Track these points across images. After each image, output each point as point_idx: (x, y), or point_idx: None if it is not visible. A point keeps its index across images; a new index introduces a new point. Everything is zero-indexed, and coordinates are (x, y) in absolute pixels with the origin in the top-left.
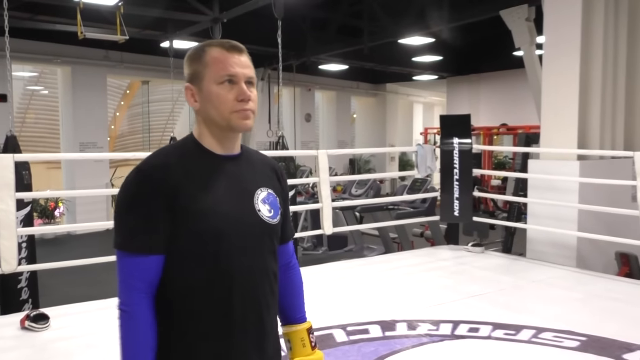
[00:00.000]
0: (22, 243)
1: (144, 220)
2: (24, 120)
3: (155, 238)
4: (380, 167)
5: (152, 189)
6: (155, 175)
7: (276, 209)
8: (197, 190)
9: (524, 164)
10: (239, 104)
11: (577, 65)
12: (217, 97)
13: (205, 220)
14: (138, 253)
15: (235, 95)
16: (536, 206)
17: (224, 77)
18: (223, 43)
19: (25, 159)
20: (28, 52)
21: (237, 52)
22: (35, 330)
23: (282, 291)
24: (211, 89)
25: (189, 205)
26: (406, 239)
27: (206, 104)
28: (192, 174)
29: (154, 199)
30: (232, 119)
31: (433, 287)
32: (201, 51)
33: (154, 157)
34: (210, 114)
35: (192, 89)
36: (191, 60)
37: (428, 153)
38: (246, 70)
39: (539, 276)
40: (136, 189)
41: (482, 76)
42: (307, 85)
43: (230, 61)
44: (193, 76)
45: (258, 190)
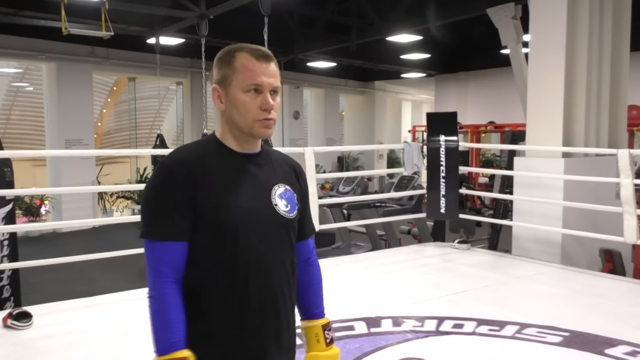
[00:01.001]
0: (3, 241)
1: (167, 210)
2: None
3: (178, 226)
4: (368, 165)
5: (175, 182)
6: (178, 169)
7: (293, 204)
8: (217, 184)
9: (510, 161)
10: (262, 113)
11: (562, 64)
12: (243, 105)
13: (224, 211)
14: (163, 240)
15: (259, 104)
16: (522, 203)
17: (250, 86)
18: (254, 50)
19: (7, 155)
20: (12, 48)
21: (266, 61)
22: (18, 328)
23: (301, 286)
24: (237, 95)
25: (210, 198)
26: (393, 236)
27: (231, 108)
28: (213, 169)
29: (177, 190)
30: (254, 127)
31: (419, 283)
32: (231, 56)
33: (178, 152)
34: (234, 117)
35: (219, 90)
36: (221, 63)
37: (415, 150)
38: (272, 79)
39: (524, 273)
40: (160, 182)
41: (470, 74)
42: (296, 82)
43: (258, 70)
44: (221, 79)
45: (275, 186)
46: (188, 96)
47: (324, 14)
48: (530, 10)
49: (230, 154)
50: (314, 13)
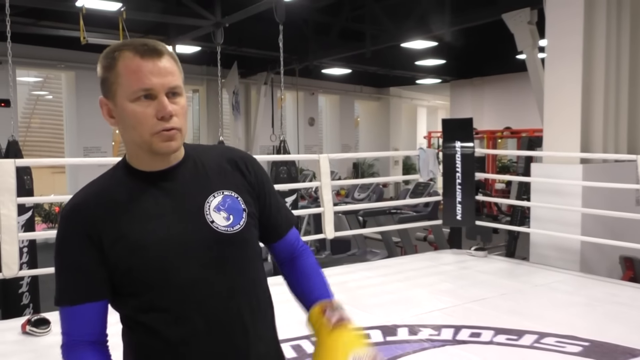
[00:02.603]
0: (23, 248)
1: (72, 269)
2: (29, 125)
3: (88, 285)
4: (383, 171)
5: (74, 233)
6: (75, 217)
7: (238, 212)
8: (125, 223)
9: (527, 167)
10: (160, 123)
11: (579, 68)
12: (134, 117)
13: (139, 255)
14: (73, 305)
15: (154, 112)
16: (539, 210)
17: (138, 93)
18: (137, 46)
19: (27, 164)
20: (32, 58)
21: (155, 57)
22: (36, 335)
23: (294, 282)
24: (125, 107)
25: (118, 242)
26: (409, 243)
27: (123, 123)
28: (118, 204)
29: (78, 243)
30: (153, 142)
31: (435, 291)
32: (112, 57)
33: (78, 194)
34: (129, 134)
35: (106, 103)
36: (101, 67)
37: (430, 157)
38: (166, 79)
39: (542, 280)
40: (60, 236)
41: (486, 79)
42: (311, 89)
43: (144, 70)
44: (105, 89)
45: (209, 197)
46: (204, 103)
47: (339, 20)
48: (547, 15)
49: (140, 178)
50: (328, 20)
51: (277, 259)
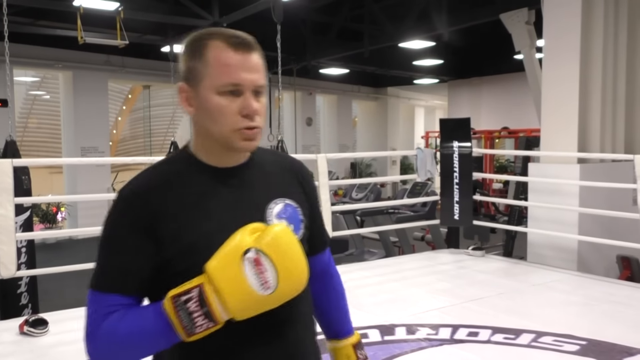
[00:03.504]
0: (21, 248)
1: (117, 256)
2: (26, 125)
3: (130, 277)
4: (381, 171)
5: (131, 218)
6: (134, 203)
7: (297, 223)
8: (189, 217)
9: (525, 167)
10: (243, 120)
11: (576, 68)
12: (217, 110)
13: (199, 253)
14: (108, 292)
15: (239, 108)
16: (537, 209)
17: (226, 87)
18: (229, 37)
19: (25, 164)
20: (29, 57)
21: (247, 51)
22: (34, 335)
23: (322, 303)
24: (210, 98)
25: (178, 236)
26: (407, 243)
27: (203, 113)
28: (182, 196)
29: (133, 230)
30: (233, 139)
31: (432, 291)
32: (201, 44)
33: (138, 178)
34: (207, 126)
35: (187, 90)
36: (187, 54)
37: (428, 157)
38: (255, 75)
39: (540, 280)
40: (114, 219)
41: (484, 79)
42: (308, 89)
43: (236, 64)
44: (189, 75)
45: (271, 203)
46: None
47: (337, 20)
48: (544, 16)
49: (206, 172)
50: (326, 20)
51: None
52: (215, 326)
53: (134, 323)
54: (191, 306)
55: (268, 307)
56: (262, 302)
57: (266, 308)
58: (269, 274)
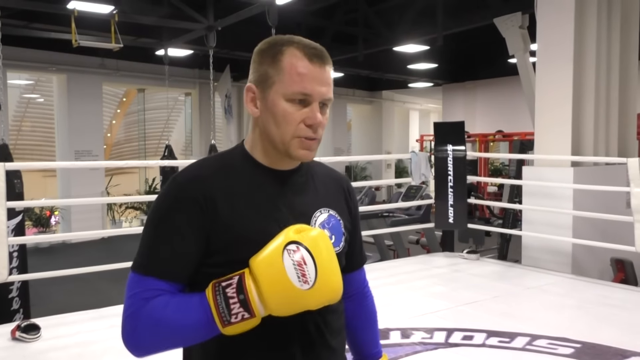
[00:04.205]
0: (13, 252)
1: (169, 242)
2: (20, 128)
3: (178, 263)
4: (376, 174)
5: (184, 206)
6: (189, 190)
7: (339, 234)
8: (239, 211)
9: (519, 170)
10: (306, 129)
11: (570, 72)
12: (283, 115)
13: (246, 249)
14: (155, 277)
15: (304, 117)
16: (531, 213)
17: (296, 95)
18: (307, 47)
19: (17, 167)
20: (23, 60)
21: (321, 63)
22: (26, 340)
23: (354, 323)
24: (278, 103)
25: (227, 230)
26: (402, 247)
27: (268, 116)
28: (235, 190)
29: (186, 218)
30: (292, 146)
31: (427, 294)
32: (277, 50)
33: (193, 167)
34: (269, 129)
35: (254, 92)
36: (262, 57)
37: (422, 160)
38: (325, 88)
39: (534, 283)
40: (167, 204)
41: (478, 83)
42: None
43: (310, 75)
44: (260, 78)
45: (317, 212)
46: (197, 107)
47: (332, 24)
48: (537, 20)
49: (259, 172)
50: (321, 24)
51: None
52: (251, 319)
53: (177, 309)
54: (229, 292)
55: (305, 306)
56: (299, 297)
57: (303, 307)
58: (309, 267)
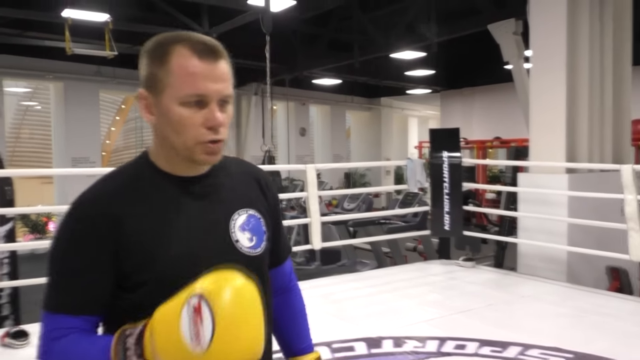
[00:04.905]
0: (3, 259)
1: (75, 273)
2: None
3: (88, 295)
4: (375, 181)
5: (86, 232)
6: (91, 213)
7: (260, 234)
8: (147, 227)
9: (514, 177)
10: (207, 132)
11: (563, 78)
12: (180, 121)
13: (159, 266)
14: (65, 313)
15: (203, 120)
16: (527, 220)
17: (190, 97)
18: (195, 43)
19: (7, 174)
20: (20, 68)
21: (213, 59)
22: (15, 347)
23: (281, 319)
24: (172, 108)
25: (137, 248)
26: (399, 254)
27: (164, 123)
28: (140, 205)
29: (89, 244)
30: (195, 152)
31: (422, 302)
32: (164, 50)
33: (93, 187)
34: (168, 136)
35: (147, 97)
36: (149, 59)
37: (417, 167)
38: (221, 85)
39: (529, 291)
40: (68, 232)
41: (476, 89)
42: (301, 99)
43: (201, 73)
44: (149, 83)
45: (234, 214)
46: None
47: (327, 31)
48: (530, 26)
49: (166, 182)
50: (316, 31)
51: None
52: None
53: (83, 354)
54: (129, 342)
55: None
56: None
57: None
58: (204, 328)
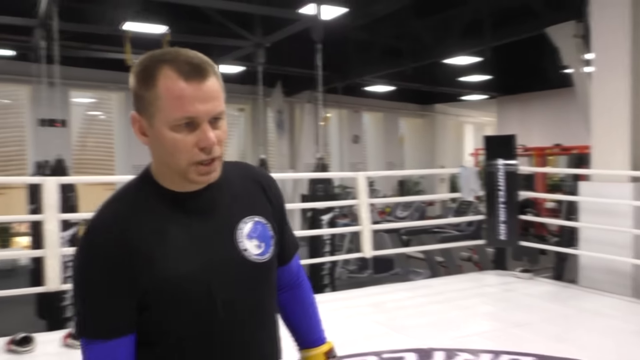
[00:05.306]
0: (67, 262)
1: (100, 299)
2: (84, 143)
3: (117, 318)
4: (430, 189)
5: (103, 257)
6: (104, 239)
7: (267, 240)
8: (157, 248)
9: (575, 186)
10: (200, 153)
11: (627, 82)
12: (173, 145)
13: (173, 285)
14: (100, 339)
15: (195, 140)
16: (588, 231)
17: (180, 121)
18: (180, 63)
19: (71, 181)
20: (86, 80)
21: (200, 78)
22: (76, 347)
23: (292, 313)
24: (164, 133)
25: (151, 270)
26: (452, 263)
27: (158, 146)
28: (148, 226)
29: (108, 269)
30: (189, 173)
31: (475, 314)
32: (150, 73)
33: (102, 212)
34: (164, 158)
35: (140, 120)
36: (138, 82)
37: (471, 175)
38: (211, 104)
39: (590, 305)
40: (86, 259)
41: (534, 95)
42: (355, 107)
43: (188, 96)
44: (140, 107)
45: (240, 223)
46: (249, 122)
47: (379, 38)
48: (592, 28)
49: (169, 199)
50: (368, 37)
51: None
52: None
53: None
54: None
55: None
56: None
57: None
58: None
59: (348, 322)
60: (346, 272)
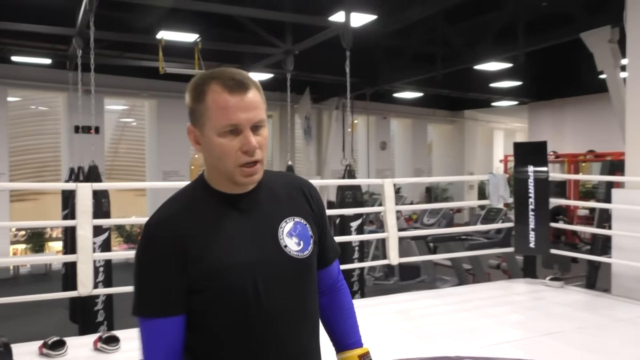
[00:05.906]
0: (99, 267)
1: (156, 283)
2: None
3: (168, 299)
4: (458, 196)
5: (159, 249)
6: (160, 233)
7: (307, 239)
8: (208, 242)
9: (609, 193)
10: (244, 156)
11: None
12: (220, 150)
13: (220, 274)
14: (156, 317)
15: (239, 146)
16: (622, 239)
17: (225, 128)
18: (225, 80)
19: (104, 187)
20: (119, 87)
21: (242, 91)
22: (106, 351)
23: (330, 316)
24: (212, 139)
25: (202, 259)
26: (480, 271)
27: (209, 152)
28: (201, 222)
29: (163, 258)
30: (235, 175)
31: (504, 322)
32: (201, 88)
33: (161, 209)
34: (214, 163)
35: (194, 131)
36: (191, 98)
37: (500, 182)
38: (252, 113)
39: (624, 315)
40: (143, 250)
41: (567, 101)
42: (382, 113)
43: (232, 106)
44: (194, 119)
45: (282, 223)
46: (277, 128)
47: (410, 43)
48: (627, 33)
49: (219, 199)
50: (399, 44)
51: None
52: None
53: None
54: None
55: None
56: None
57: None
58: None
59: (374, 330)
60: (372, 279)
